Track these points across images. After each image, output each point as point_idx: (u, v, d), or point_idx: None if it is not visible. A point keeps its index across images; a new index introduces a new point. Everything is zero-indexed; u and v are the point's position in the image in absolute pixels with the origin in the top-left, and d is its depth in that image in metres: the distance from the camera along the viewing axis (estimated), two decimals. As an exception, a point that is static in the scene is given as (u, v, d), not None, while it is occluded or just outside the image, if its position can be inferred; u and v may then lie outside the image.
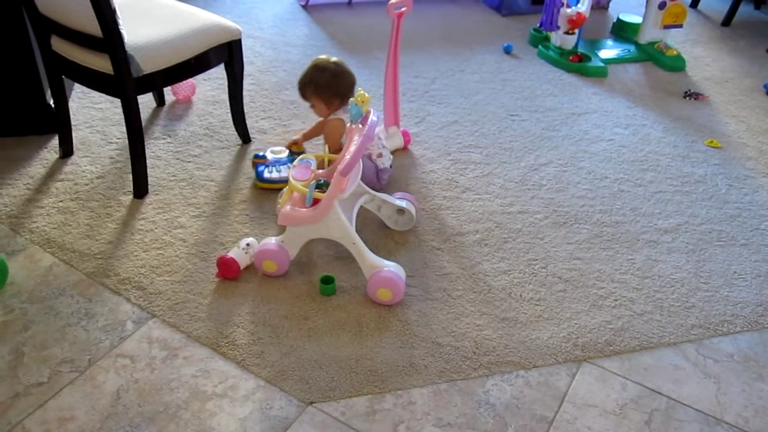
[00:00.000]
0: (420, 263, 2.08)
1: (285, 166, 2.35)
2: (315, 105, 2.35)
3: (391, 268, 1.90)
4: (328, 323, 1.86)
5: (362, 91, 1.91)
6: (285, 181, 2.23)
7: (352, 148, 1.82)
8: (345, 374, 1.71)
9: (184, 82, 2.76)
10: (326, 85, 2.29)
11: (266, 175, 2.34)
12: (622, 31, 3.73)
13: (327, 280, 1.95)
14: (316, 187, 1.90)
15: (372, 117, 1.88)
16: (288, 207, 1.92)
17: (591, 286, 2.03)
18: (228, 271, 1.97)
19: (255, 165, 2.38)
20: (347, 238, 1.91)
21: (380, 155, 2.31)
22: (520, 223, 2.27)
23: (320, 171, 2.02)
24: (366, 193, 2.10)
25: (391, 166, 2.37)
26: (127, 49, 2.05)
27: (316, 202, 1.87)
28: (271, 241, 1.97)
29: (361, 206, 2.11)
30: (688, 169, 2.62)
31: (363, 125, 1.87)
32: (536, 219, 2.30)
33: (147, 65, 2.12)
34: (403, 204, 2.15)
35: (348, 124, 1.97)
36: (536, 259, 2.13)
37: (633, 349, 1.84)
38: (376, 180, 2.30)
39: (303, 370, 1.72)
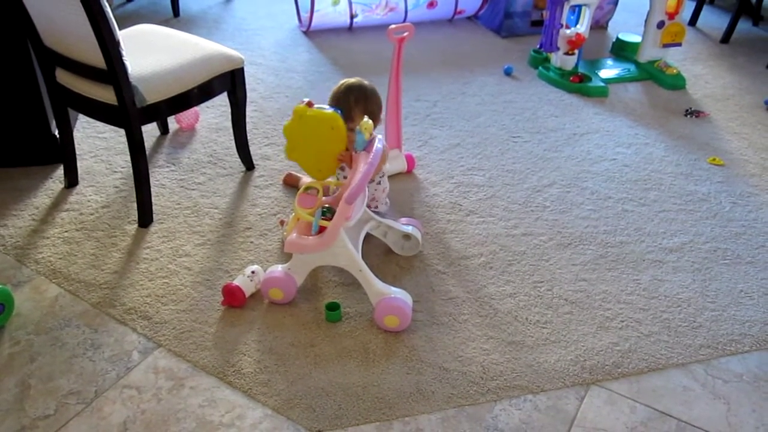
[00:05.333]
0: (425, 288, 2.08)
1: None
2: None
3: (398, 295, 1.90)
4: (335, 350, 1.85)
5: (366, 118, 1.92)
6: None
7: (358, 176, 1.82)
8: (352, 402, 1.70)
9: (187, 110, 2.78)
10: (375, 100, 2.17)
11: None
12: (622, 51, 3.75)
13: (332, 307, 1.94)
14: (322, 215, 1.91)
15: (377, 144, 1.88)
16: (294, 235, 1.92)
17: (597, 307, 2.03)
18: (233, 299, 1.97)
19: None
20: (353, 266, 1.91)
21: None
22: (524, 246, 2.27)
23: (325, 198, 2.02)
24: (372, 219, 2.10)
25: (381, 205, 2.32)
26: (131, 79, 2.07)
27: (322, 229, 1.88)
28: (278, 269, 1.97)
29: (367, 232, 2.11)
30: (692, 188, 2.62)
31: (369, 152, 1.88)
32: (541, 241, 2.30)
33: (151, 95, 2.13)
34: (409, 230, 2.15)
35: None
36: (542, 282, 2.12)
37: (641, 371, 1.83)
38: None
39: (310, 398, 1.71)
